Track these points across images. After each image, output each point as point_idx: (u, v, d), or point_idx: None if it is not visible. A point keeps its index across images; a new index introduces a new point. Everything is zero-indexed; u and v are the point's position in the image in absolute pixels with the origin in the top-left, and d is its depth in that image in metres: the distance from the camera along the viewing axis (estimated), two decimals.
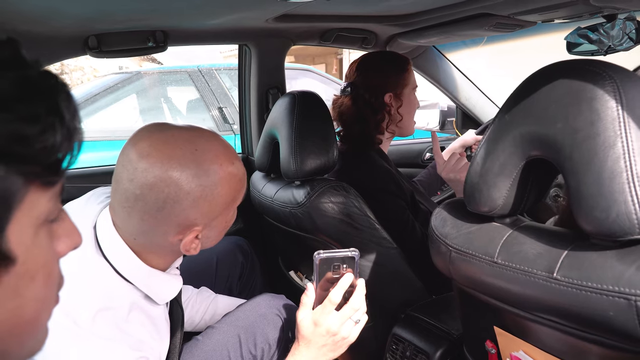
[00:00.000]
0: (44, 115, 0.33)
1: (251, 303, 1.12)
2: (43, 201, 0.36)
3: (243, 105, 1.95)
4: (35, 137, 0.32)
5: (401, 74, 1.44)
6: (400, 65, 1.45)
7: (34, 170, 0.34)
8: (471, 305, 0.82)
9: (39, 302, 0.38)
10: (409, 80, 1.45)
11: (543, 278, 0.60)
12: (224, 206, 0.83)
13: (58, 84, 0.36)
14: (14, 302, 0.35)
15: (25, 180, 0.33)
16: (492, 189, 0.69)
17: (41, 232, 0.37)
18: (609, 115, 0.55)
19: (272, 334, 1.06)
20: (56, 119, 0.34)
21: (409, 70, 1.46)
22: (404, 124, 1.47)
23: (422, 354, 1.06)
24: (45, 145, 0.33)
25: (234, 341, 1.03)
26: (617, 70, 0.58)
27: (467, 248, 0.72)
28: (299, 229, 1.29)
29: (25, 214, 0.34)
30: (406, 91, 1.45)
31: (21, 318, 0.36)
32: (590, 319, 0.56)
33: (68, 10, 1.07)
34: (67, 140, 0.35)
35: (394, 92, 1.44)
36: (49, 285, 0.38)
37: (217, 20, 1.34)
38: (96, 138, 2.76)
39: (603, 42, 1.23)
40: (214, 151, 0.80)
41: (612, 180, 0.54)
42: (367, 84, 1.41)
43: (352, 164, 1.41)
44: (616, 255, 0.55)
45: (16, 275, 0.34)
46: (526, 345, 0.72)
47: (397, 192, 1.35)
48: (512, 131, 0.67)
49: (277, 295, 1.16)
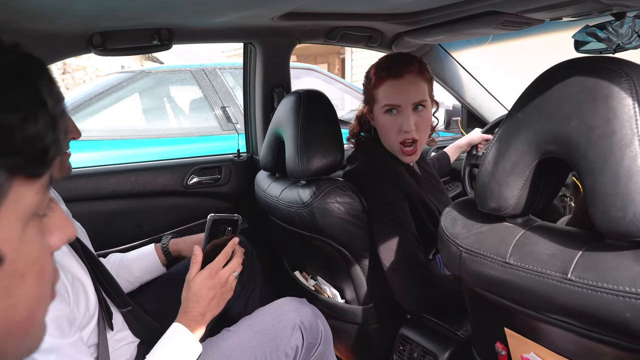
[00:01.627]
0: (24, 103, 0.31)
1: (270, 307, 1.11)
2: (29, 195, 0.34)
3: (248, 104, 1.94)
4: (15, 127, 0.30)
5: (371, 89, 1.31)
6: (374, 77, 1.29)
7: (17, 162, 0.32)
8: (481, 306, 0.81)
9: (32, 300, 0.36)
10: (377, 98, 1.29)
11: (557, 279, 0.59)
12: None
13: (39, 69, 0.34)
14: (6, 303, 0.33)
15: (8, 174, 0.31)
16: (503, 188, 0.68)
17: (30, 227, 0.35)
18: (626, 113, 0.54)
19: (293, 338, 1.04)
20: (38, 107, 0.32)
21: (377, 86, 1.28)
22: (384, 142, 1.32)
23: (430, 355, 1.05)
24: (26, 136, 0.31)
25: (252, 345, 1.02)
26: (633, 68, 0.57)
27: (478, 248, 0.71)
28: (305, 229, 1.28)
29: (10, 209, 0.32)
30: (375, 108, 1.30)
31: (14, 318, 0.34)
32: (605, 320, 0.55)
33: (74, 8, 1.07)
34: (52, 129, 0.33)
35: (369, 105, 1.34)
36: (42, 283, 0.36)
37: (223, 18, 1.33)
38: (99, 137, 2.76)
39: (612, 41, 1.21)
40: None
41: (629, 179, 0.53)
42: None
43: (357, 158, 1.39)
44: (633, 255, 0.54)
45: (5, 274, 0.33)
46: (537, 346, 0.71)
47: (387, 178, 1.27)
48: (524, 130, 0.66)
49: (297, 298, 1.15)
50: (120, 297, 1.07)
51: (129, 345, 1.09)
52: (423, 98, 1.26)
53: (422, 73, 1.27)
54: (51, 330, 0.75)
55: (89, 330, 0.93)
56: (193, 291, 1.01)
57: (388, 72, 1.26)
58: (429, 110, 1.30)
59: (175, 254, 1.34)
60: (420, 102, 1.25)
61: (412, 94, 1.24)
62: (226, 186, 1.95)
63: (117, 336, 1.06)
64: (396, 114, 1.26)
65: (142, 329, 1.10)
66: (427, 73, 1.29)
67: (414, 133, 1.25)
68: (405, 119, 1.24)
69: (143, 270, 1.30)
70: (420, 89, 1.26)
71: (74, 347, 0.79)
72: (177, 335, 0.96)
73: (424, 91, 1.27)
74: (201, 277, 1.02)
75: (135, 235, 1.79)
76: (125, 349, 1.08)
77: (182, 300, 1.02)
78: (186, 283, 1.03)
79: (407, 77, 1.24)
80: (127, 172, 1.78)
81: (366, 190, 1.24)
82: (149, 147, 2.81)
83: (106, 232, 1.72)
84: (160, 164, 1.88)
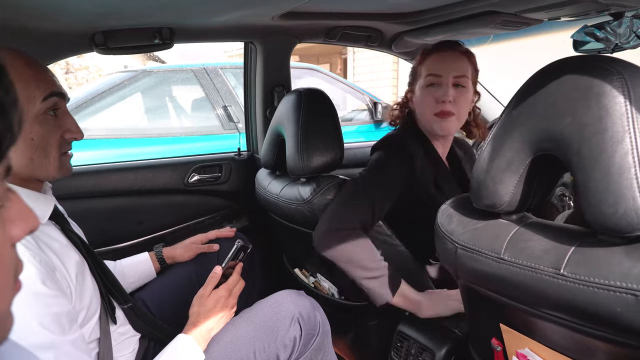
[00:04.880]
0: None
1: (269, 299, 1.12)
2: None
3: (248, 102, 1.95)
4: None
5: (416, 67, 1.36)
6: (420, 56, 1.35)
7: None
8: (477, 302, 0.82)
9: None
10: (420, 73, 1.33)
11: (550, 274, 0.60)
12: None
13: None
14: None
15: None
16: (498, 185, 0.69)
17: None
18: (618, 110, 0.55)
19: (292, 330, 1.05)
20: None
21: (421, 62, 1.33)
22: (420, 120, 1.34)
23: (427, 352, 1.06)
24: None
25: (251, 337, 1.03)
26: (625, 66, 0.58)
27: (474, 245, 0.72)
28: (305, 226, 1.29)
29: None
30: (417, 84, 1.33)
31: None
32: (597, 315, 0.56)
33: (77, 7, 1.08)
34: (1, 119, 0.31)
35: (410, 83, 1.38)
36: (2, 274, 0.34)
37: (224, 17, 1.34)
38: (101, 136, 2.77)
39: (610, 40, 1.22)
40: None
41: (620, 176, 0.54)
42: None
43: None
44: (624, 251, 0.55)
45: None
46: (532, 342, 0.72)
47: (391, 153, 1.26)
48: (519, 127, 0.67)
49: (295, 291, 1.16)
50: (121, 294, 1.08)
51: (131, 338, 1.11)
52: (465, 74, 1.26)
53: (468, 56, 1.30)
54: (51, 326, 0.76)
55: (92, 324, 0.94)
56: (208, 307, 1.04)
57: (434, 48, 1.30)
58: (469, 92, 1.29)
59: (170, 261, 1.37)
60: (461, 77, 1.26)
61: (455, 67, 1.26)
62: (226, 184, 1.97)
63: (120, 330, 1.07)
64: (437, 87, 1.26)
65: (143, 324, 1.11)
66: (474, 59, 1.31)
67: (451, 106, 1.25)
68: (444, 89, 1.25)
69: (137, 277, 1.33)
70: (464, 66, 1.27)
71: (73, 345, 0.79)
72: (185, 347, 0.98)
73: (467, 70, 1.27)
74: (218, 295, 1.07)
75: (136, 233, 1.81)
76: (128, 342, 1.10)
77: (191, 314, 1.05)
78: (199, 298, 1.07)
79: (452, 53, 1.28)
80: (128, 170, 1.80)
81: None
82: (151, 146, 2.83)
83: (108, 229, 1.74)
84: (161, 162, 1.90)
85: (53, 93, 0.89)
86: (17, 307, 0.74)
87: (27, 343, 0.70)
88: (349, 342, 1.38)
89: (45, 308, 0.76)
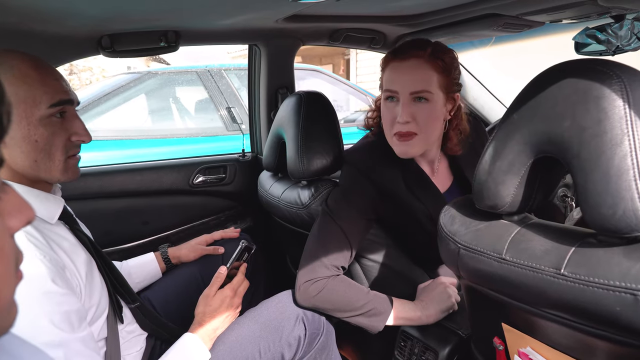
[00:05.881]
0: None
1: (274, 299, 1.14)
2: None
3: (252, 104, 1.97)
4: None
5: (381, 72, 1.19)
6: (383, 60, 1.18)
7: None
8: (479, 302, 0.83)
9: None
10: (382, 82, 1.17)
11: (550, 274, 0.61)
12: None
13: None
14: None
15: None
16: (500, 186, 0.70)
17: None
18: (616, 113, 0.56)
19: (296, 329, 1.07)
20: None
21: (384, 69, 1.17)
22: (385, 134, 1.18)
23: (431, 351, 1.07)
24: None
25: (256, 336, 1.05)
26: (624, 70, 0.59)
27: (476, 245, 0.73)
28: (305, 229, 1.30)
29: None
30: (382, 94, 1.17)
31: None
32: (597, 314, 0.57)
33: (84, 11, 1.09)
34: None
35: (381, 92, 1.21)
36: (3, 262, 0.35)
37: (228, 20, 1.36)
38: (106, 137, 2.79)
39: (611, 43, 1.23)
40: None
41: (619, 178, 0.55)
42: None
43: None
44: (623, 251, 0.56)
45: None
46: (534, 341, 0.73)
47: (360, 170, 1.17)
48: (520, 129, 0.68)
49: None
50: (129, 293, 1.09)
51: (138, 337, 1.13)
52: (424, 88, 1.08)
53: (432, 61, 1.09)
54: (61, 324, 0.77)
55: (100, 323, 0.95)
56: (213, 307, 1.06)
57: (394, 54, 1.13)
58: (436, 104, 1.10)
59: (176, 261, 1.39)
60: (420, 92, 1.08)
61: (412, 80, 1.08)
62: (231, 185, 1.98)
63: (127, 328, 1.09)
64: (395, 102, 1.12)
65: (150, 323, 1.13)
66: (442, 63, 1.10)
67: (410, 126, 1.09)
68: (400, 108, 1.09)
69: (143, 277, 1.35)
70: (425, 77, 1.08)
71: (82, 343, 0.80)
72: (191, 345, 1.00)
73: (429, 81, 1.08)
74: (223, 294, 1.08)
75: (141, 233, 1.82)
76: (135, 340, 1.11)
77: (196, 314, 1.06)
78: (205, 298, 1.08)
79: (411, 62, 1.09)
80: (134, 171, 1.81)
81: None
82: (155, 147, 2.85)
83: (113, 230, 1.75)
84: (166, 163, 1.91)
85: (62, 102, 0.90)
86: (28, 305, 0.75)
87: (38, 341, 0.72)
88: (352, 342, 1.39)
89: (56, 306, 0.78)
